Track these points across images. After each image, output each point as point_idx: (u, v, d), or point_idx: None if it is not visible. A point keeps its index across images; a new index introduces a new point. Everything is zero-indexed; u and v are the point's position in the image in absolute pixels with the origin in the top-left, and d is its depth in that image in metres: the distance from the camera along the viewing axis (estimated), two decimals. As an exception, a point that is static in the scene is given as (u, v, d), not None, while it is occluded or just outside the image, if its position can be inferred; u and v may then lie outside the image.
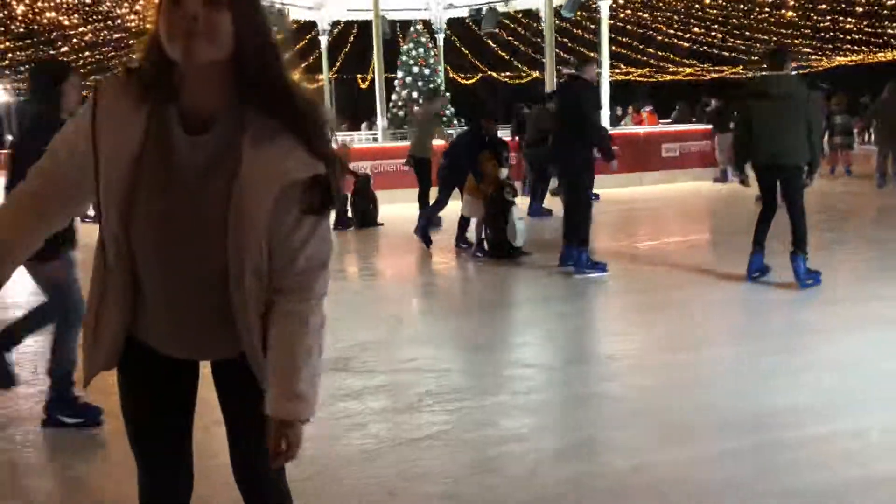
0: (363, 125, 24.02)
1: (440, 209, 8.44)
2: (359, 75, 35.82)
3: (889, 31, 30.86)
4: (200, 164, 1.47)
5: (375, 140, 17.07)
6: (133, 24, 21.95)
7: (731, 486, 2.79)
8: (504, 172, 7.81)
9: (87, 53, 24.33)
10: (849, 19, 29.26)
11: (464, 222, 8.09)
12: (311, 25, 22.36)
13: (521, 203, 8.26)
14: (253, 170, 1.44)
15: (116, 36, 23.69)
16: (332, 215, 7.40)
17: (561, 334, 5.09)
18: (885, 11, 28.29)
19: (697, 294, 5.86)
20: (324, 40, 20.99)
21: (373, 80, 18.45)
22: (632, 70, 36.24)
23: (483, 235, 7.80)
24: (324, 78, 21.59)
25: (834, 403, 3.54)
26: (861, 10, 27.91)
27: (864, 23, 29.92)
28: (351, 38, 29.04)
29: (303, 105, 1.48)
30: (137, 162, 1.46)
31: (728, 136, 14.32)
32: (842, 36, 31.51)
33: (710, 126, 14.74)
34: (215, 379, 1.70)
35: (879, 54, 34.75)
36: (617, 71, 34.81)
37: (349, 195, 10.38)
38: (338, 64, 31.13)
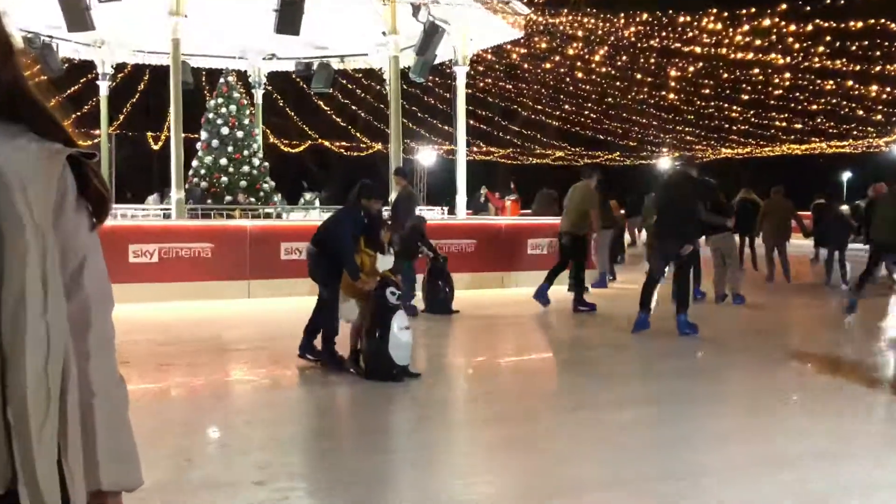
0: (151, 197, 23.36)
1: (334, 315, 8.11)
2: (149, 133, 35.20)
3: (776, 123, 34.61)
4: None
5: (167, 217, 16.66)
6: None
7: None
8: (385, 262, 7.71)
9: None
10: (734, 108, 32.57)
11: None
12: (89, 66, 21.85)
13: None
14: (12, 159, 1.49)
15: None
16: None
17: (404, 477, 5.04)
18: (772, 102, 31.76)
19: (563, 426, 6.05)
20: (104, 86, 20.54)
21: (167, 141, 18.13)
22: (494, 150, 38.16)
23: (358, 346, 7.66)
24: (102, 132, 20.98)
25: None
26: (746, 98, 31.15)
27: (751, 112, 33.35)
28: (141, 86, 28.58)
29: (49, 112, 1.60)
30: None
31: (608, 233, 15.49)
32: (726, 126, 34.98)
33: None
34: None
35: (766, 149, 38.84)
36: (476, 150, 36.59)
37: (422, 277, 11.88)
38: (121, 117, 30.40)
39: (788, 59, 24.70)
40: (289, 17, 14.48)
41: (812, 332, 11.08)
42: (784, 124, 34.26)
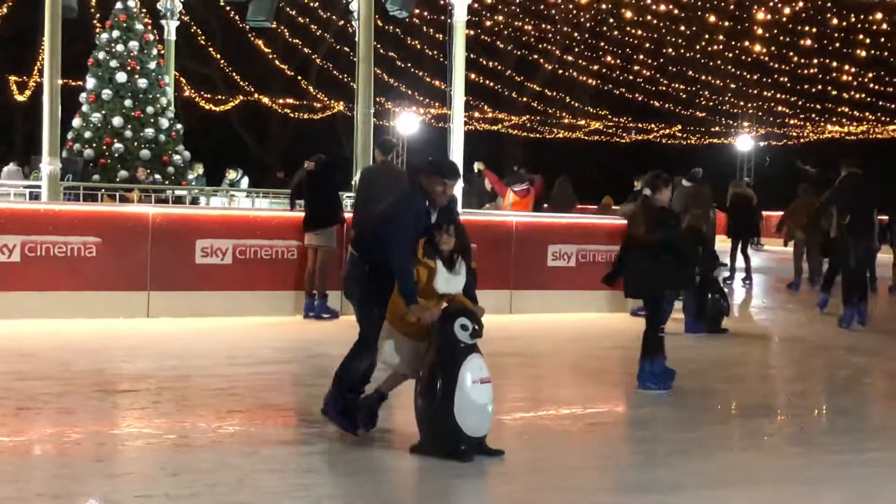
0: (7, 168, 23.14)
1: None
2: (13, 78, 35.09)
3: (904, 91, 34.59)
4: None
5: (34, 198, 16.55)
6: None
7: None
8: (453, 283, 7.08)
9: None
10: (845, 67, 32.50)
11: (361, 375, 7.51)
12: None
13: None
14: None
15: None
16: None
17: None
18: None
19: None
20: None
21: (38, 90, 18.03)
22: (503, 117, 38.14)
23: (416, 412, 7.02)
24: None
25: None
26: (864, 54, 31.06)
27: (870, 75, 33.30)
28: (2, 9, 28.57)
29: None
30: None
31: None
32: (834, 92, 34.97)
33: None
34: None
35: (891, 126, 38.92)
36: (479, 116, 36.55)
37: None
38: (-29, 53, 30.30)
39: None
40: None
41: None
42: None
